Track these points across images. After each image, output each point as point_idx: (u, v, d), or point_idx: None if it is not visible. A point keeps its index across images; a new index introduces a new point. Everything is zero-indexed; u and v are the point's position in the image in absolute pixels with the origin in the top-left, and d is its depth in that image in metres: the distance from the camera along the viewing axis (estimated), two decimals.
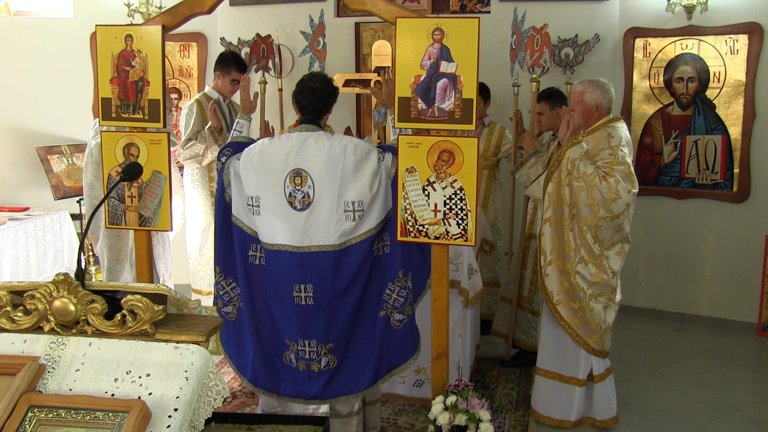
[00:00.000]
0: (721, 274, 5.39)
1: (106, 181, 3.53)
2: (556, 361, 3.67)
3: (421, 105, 2.94)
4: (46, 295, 1.94)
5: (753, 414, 3.94)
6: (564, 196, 3.48)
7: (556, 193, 3.51)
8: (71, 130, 6.02)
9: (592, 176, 3.42)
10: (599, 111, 3.65)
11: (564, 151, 3.52)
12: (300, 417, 2.78)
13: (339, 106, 5.79)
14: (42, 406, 1.77)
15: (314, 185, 3.02)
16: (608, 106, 3.67)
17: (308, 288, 3.05)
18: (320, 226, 3.03)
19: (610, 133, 3.54)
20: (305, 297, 3.06)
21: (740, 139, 5.21)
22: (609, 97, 3.67)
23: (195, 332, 1.93)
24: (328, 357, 3.09)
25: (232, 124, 4.97)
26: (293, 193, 3.03)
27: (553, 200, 3.52)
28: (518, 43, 4.76)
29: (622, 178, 3.42)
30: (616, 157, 3.46)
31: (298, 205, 3.04)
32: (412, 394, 3.95)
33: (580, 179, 3.44)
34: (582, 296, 3.48)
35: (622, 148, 3.50)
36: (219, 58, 4.86)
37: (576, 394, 3.65)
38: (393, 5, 3.06)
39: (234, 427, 2.49)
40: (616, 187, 3.40)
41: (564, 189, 3.48)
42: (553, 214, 3.53)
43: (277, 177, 3.04)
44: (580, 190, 3.44)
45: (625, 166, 3.46)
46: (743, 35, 5.12)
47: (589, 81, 3.73)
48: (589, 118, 3.66)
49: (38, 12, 6.05)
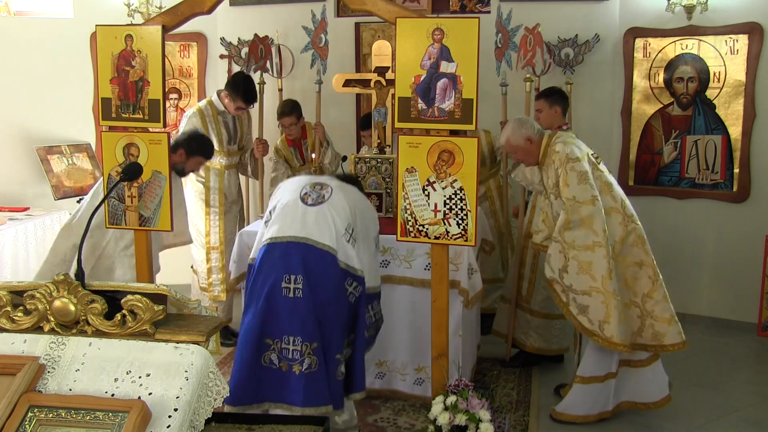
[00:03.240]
0: (721, 274, 5.39)
1: (106, 181, 3.53)
2: (596, 365, 3.70)
3: (421, 105, 2.94)
4: (46, 295, 1.94)
5: (753, 414, 3.94)
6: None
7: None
8: (71, 130, 6.01)
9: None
10: (532, 140, 3.80)
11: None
12: (300, 417, 2.77)
13: (339, 106, 5.86)
14: (42, 406, 1.77)
15: (332, 193, 3.17)
16: (536, 130, 3.83)
17: (298, 279, 3.01)
18: (326, 225, 3.07)
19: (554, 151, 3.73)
20: (294, 289, 3.01)
21: (740, 139, 5.21)
22: (530, 124, 3.84)
23: (195, 332, 1.93)
24: (311, 359, 3.00)
25: (235, 133, 5.00)
26: (309, 193, 3.17)
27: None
28: (504, 42, 4.77)
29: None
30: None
31: (310, 201, 3.14)
32: (412, 392, 3.95)
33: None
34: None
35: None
36: (232, 80, 4.88)
37: (611, 386, 3.72)
38: (393, 5, 3.06)
39: (234, 427, 2.49)
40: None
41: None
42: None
43: (298, 184, 3.25)
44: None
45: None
46: (743, 35, 5.12)
47: (505, 128, 3.93)
48: (531, 152, 3.82)
49: (38, 12, 6.05)
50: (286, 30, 5.71)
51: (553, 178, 3.69)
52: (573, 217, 3.55)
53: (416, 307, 3.79)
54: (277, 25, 5.73)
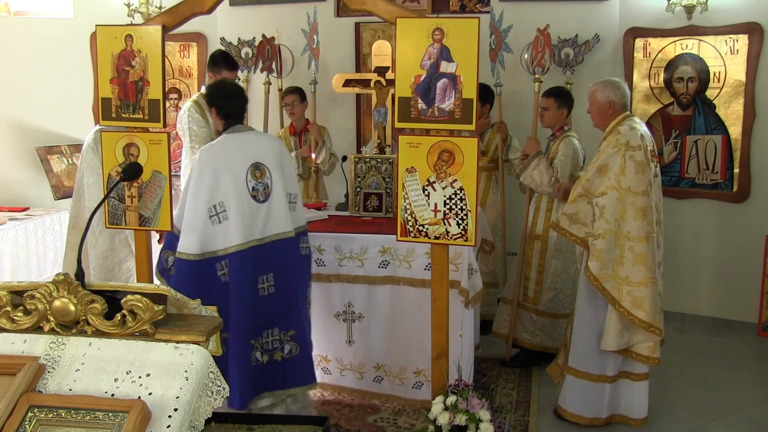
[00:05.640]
0: (721, 274, 5.39)
1: (106, 181, 3.53)
2: (588, 362, 3.68)
3: (421, 105, 2.94)
4: (46, 295, 1.94)
5: (753, 414, 3.94)
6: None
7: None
8: (71, 130, 6.01)
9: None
10: (612, 108, 3.68)
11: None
12: (300, 417, 2.78)
13: (339, 106, 5.87)
14: (42, 406, 1.77)
15: (271, 177, 3.34)
16: (622, 102, 3.69)
17: (269, 278, 3.29)
18: (278, 215, 3.33)
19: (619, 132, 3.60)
20: (268, 287, 3.29)
21: (740, 139, 5.21)
22: (621, 93, 3.69)
23: (195, 332, 1.93)
24: (290, 345, 3.33)
25: None
26: (256, 186, 3.29)
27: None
28: (497, 43, 4.78)
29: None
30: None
31: (261, 197, 3.31)
32: (411, 397, 3.95)
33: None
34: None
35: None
36: (210, 58, 4.83)
37: (606, 391, 3.65)
38: (393, 5, 3.05)
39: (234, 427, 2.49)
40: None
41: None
42: None
43: (239, 175, 3.26)
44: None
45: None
46: (743, 35, 5.12)
47: (601, 81, 3.78)
48: (603, 116, 3.71)
49: (38, 12, 6.05)
50: (286, 30, 5.71)
51: (603, 160, 3.58)
52: (628, 208, 3.49)
53: (416, 308, 3.79)
54: (277, 25, 5.74)
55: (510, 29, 4.78)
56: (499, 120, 4.91)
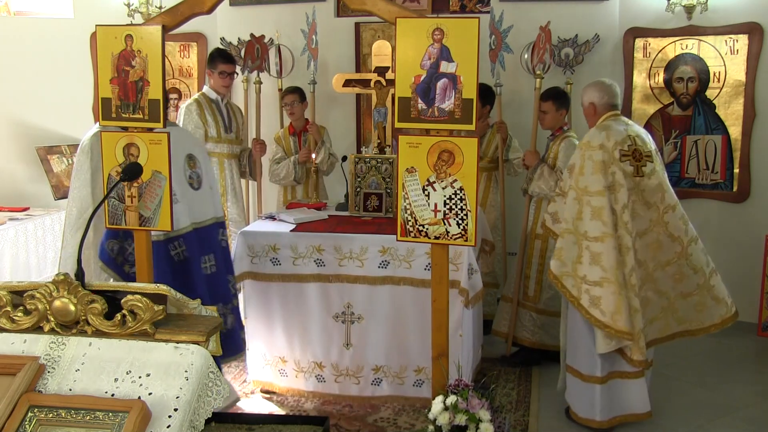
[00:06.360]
0: (721, 274, 5.35)
1: (106, 181, 3.53)
2: (578, 360, 3.68)
3: (421, 105, 2.94)
4: (46, 295, 1.94)
5: (753, 414, 3.94)
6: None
7: None
8: (71, 130, 6.01)
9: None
10: (593, 109, 3.74)
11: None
12: (300, 417, 2.79)
13: (339, 106, 5.86)
14: (42, 406, 1.77)
15: (201, 166, 3.68)
16: (603, 102, 3.71)
17: (211, 258, 3.66)
18: (208, 201, 3.70)
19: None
20: (210, 266, 3.66)
21: (740, 139, 5.22)
22: (602, 94, 3.71)
23: (195, 332, 1.93)
24: (231, 317, 3.70)
25: (230, 121, 4.99)
26: (191, 175, 3.63)
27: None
28: (497, 43, 4.78)
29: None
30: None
31: (196, 185, 3.65)
32: (412, 395, 3.95)
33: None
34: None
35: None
36: (208, 57, 5.00)
37: (597, 392, 3.61)
38: (393, 5, 3.05)
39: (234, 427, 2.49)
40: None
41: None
42: None
43: (179, 164, 3.54)
44: None
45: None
46: (743, 35, 5.12)
47: (589, 83, 3.81)
48: (589, 117, 3.80)
49: (38, 12, 6.05)
50: (286, 30, 5.71)
51: (572, 160, 3.65)
52: (585, 208, 3.51)
53: (416, 308, 3.79)
54: (277, 25, 5.73)
55: (510, 29, 4.78)
56: (499, 120, 4.91)
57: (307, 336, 3.99)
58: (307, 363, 4.03)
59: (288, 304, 3.99)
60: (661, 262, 3.61)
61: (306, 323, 3.99)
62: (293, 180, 5.12)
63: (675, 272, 3.65)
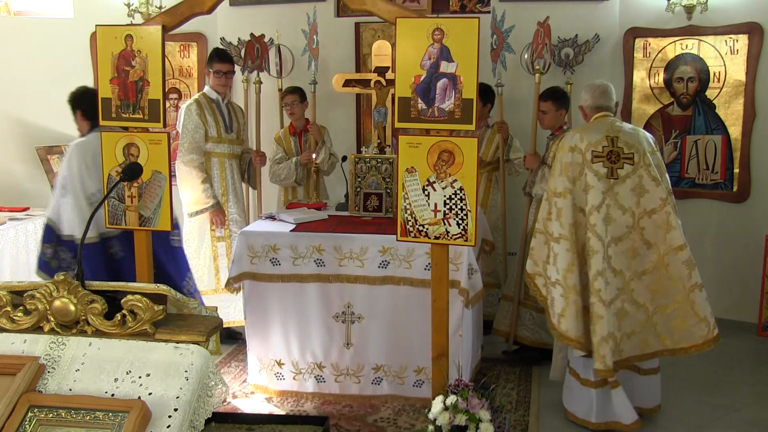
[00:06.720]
0: (721, 274, 5.39)
1: (106, 181, 3.53)
2: (576, 360, 3.67)
3: (421, 105, 2.94)
4: (46, 295, 1.94)
5: (753, 414, 3.94)
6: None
7: None
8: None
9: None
10: (582, 111, 3.81)
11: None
12: (300, 417, 2.79)
13: (339, 106, 5.86)
14: (42, 406, 1.77)
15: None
16: (589, 105, 3.74)
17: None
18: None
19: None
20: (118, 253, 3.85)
21: (740, 139, 5.21)
22: (590, 96, 3.74)
23: (195, 332, 1.93)
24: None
25: (231, 121, 4.98)
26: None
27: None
28: (499, 43, 4.78)
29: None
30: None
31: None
32: (412, 394, 3.95)
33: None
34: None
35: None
36: (207, 59, 5.03)
37: (593, 396, 3.59)
38: (393, 5, 3.06)
39: (234, 427, 2.49)
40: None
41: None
42: None
43: (100, 172, 3.59)
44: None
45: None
46: (743, 35, 5.12)
47: (591, 83, 3.83)
48: (584, 119, 3.86)
49: (38, 12, 6.05)
50: (286, 30, 5.71)
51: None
52: (552, 209, 3.55)
53: (416, 307, 3.79)
54: (277, 25, 5.73)
55: (512, 29, 4.78)
56: (500, 120, 4.91)
57: (308, 336, 3.99)
58: (307, 364, 4.03)
59: (288, 305, 3.98)
60: (637, 272, 3.48)
61: (306, 323, 3.98)
62: (294, 181, 5.12)
63: (651, 282, 3.50)
